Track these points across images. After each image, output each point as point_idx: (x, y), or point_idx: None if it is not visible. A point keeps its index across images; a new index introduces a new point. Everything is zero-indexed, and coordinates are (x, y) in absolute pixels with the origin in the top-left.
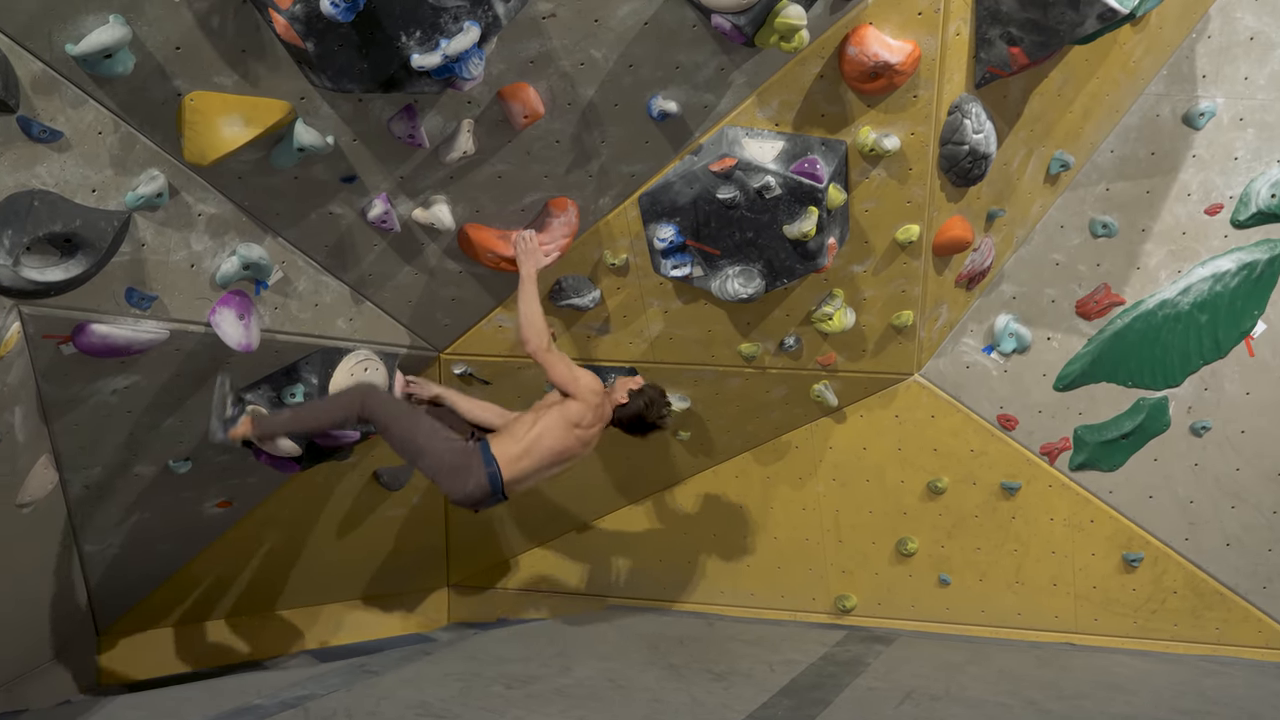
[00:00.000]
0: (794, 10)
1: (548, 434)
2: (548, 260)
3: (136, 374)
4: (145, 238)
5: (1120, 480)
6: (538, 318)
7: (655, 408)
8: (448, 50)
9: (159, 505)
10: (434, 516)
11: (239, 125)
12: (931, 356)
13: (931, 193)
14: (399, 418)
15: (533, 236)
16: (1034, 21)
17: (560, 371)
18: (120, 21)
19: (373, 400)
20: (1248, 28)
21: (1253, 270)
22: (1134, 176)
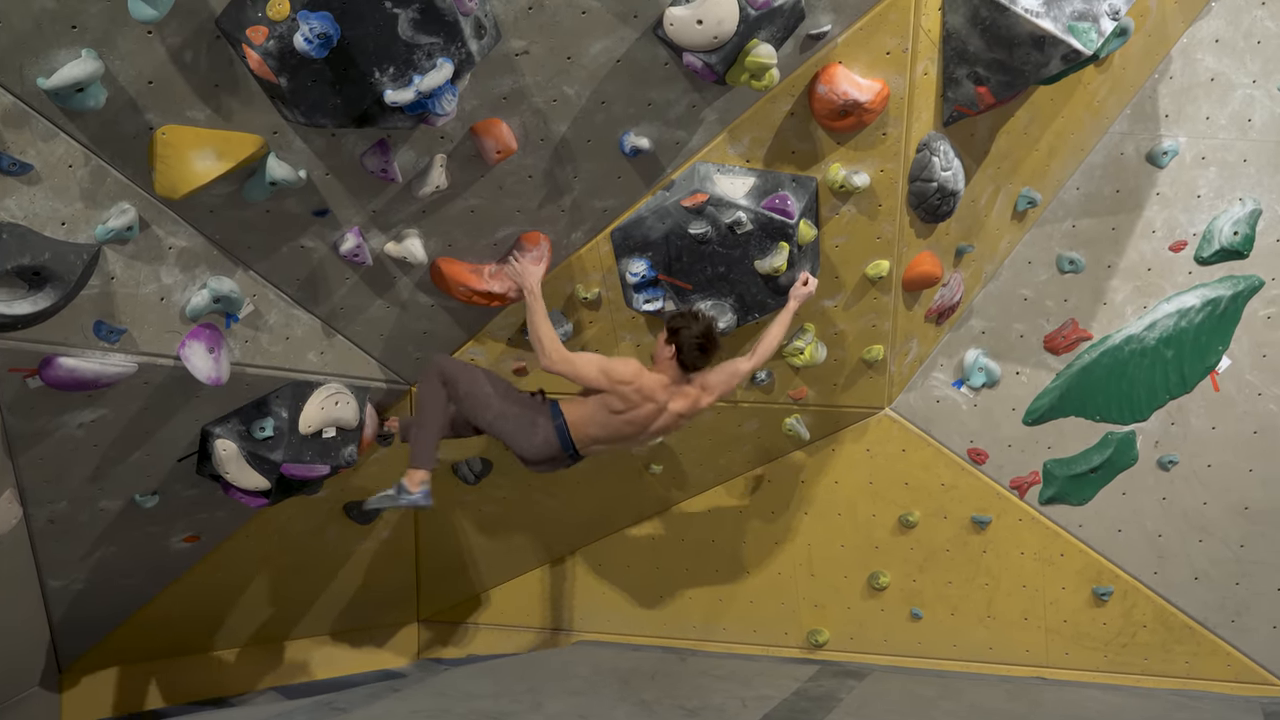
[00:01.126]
0: (764, 49)
1: (598, 416)
2: (543, 269)
3: (104, 407)
4: (115, 271)
5: (1089, 514)
6: (546, 334)
7: (695, 336)
8: (421, 86)
9: (125, 540)
10: (404, 550)
11: (211, 159)
12: (902, 390)
13: (901, 229)
14: (469, 373)
15: (518, 258)
16: (1000, 62)
17: (584, 375)
18: (93, 55)
19: (444, 364)
20: (1208, 69)
21: (1217, 306)
22: (1099, 213)
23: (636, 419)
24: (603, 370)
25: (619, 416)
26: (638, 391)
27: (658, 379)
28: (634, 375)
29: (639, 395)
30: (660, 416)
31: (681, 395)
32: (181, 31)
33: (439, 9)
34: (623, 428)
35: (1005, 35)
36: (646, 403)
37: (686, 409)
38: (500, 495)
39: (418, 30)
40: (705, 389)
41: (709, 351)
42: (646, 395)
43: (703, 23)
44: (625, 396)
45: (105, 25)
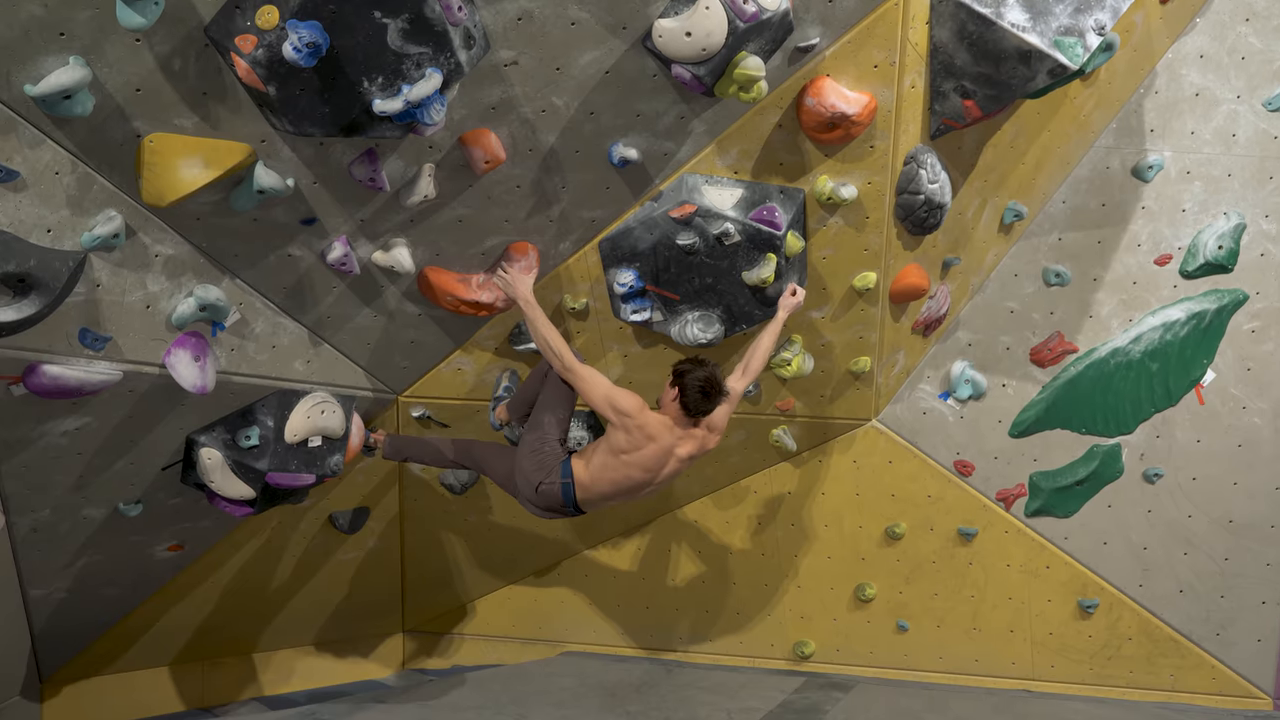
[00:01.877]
0: (753, 62)
1: (607, 464)
2: (533, 275)
3: (88, 415)
4: (101, 278)
5: (1075, 526)
6: (553, 338)
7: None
8: (410, 96)
9: (108, 549)
10: (390, 560)
11: (198, 167)
12: (889, 402)
13: (888, 241)
14: (560, 404)
15: (506, 268)
16: (987, 76)
17: (588, 391)
18: (80, 63)
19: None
20: (1193, 84)
21: (1201, 320)
22: (1085, 227)
23: (643, 461)
24: (607, 395)
25: (624, 459)
26: (640, 429)
27: (661, 419)
28: (636, 410)
29: (641, 433)
30: (668, 462)
31: (688, 438)
32: (170, 39)
33: (428, 19)
34: (630, 473)
35: (992, 50)
36: (650, 443)
37: (694, 451)
38: (486, 505)
39: (407, 40)
40: (711, 429)
41: (712, 397)
42: (649, 434)
43: (691, 35)
44: (628, 431)
45: (93, 33)
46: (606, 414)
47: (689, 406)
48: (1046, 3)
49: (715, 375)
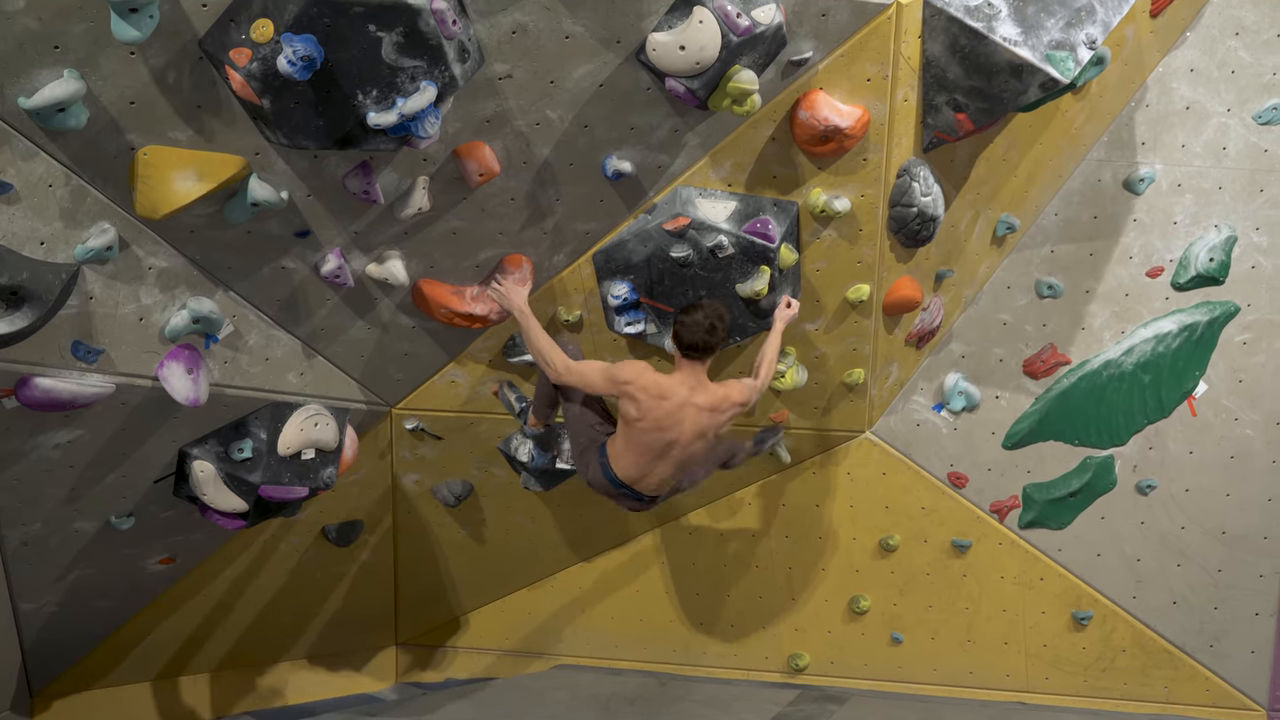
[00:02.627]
0: (746, 75)
1: (629, 437)
2: (528, 288)
3: (80, 428)
4: (94, 291)
5: (1069, 538)
6: (546, 347)
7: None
8: (404, 109)
9: (99, 562)
10: (383, 573)
11: (192, 180)
12: (882, 414)
13: (881, 253)
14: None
15: (501, 280)
16: (979, 89)
17: (590, 381)
18: (75, 76)
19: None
20: (1184, 98)
21: (1193, 331)
22: (1078, 239)
23: (658, 421)
24: (606, 374)
25: (640, 426)
26: (644, 390)
27: (669, 376)
28: (636, 374)
29: (647, 395)
30: (686, 414)
31: (701, 388)
32: (164, 53)
33: (423, 33)
34: (649, 438)
35: (984, 63)
36: (660, 401)
37: (714, 402)
38: (480, 518)
39: (401, 54)
40: (729, 388)
41: (714, 332)
42: (658, 393)
43: (685, 48)
44: (634, 399)
45: (88, 46)
46: (613, 391)
47: (688, 342)
48: (1038, 17)
49: (712, 307)
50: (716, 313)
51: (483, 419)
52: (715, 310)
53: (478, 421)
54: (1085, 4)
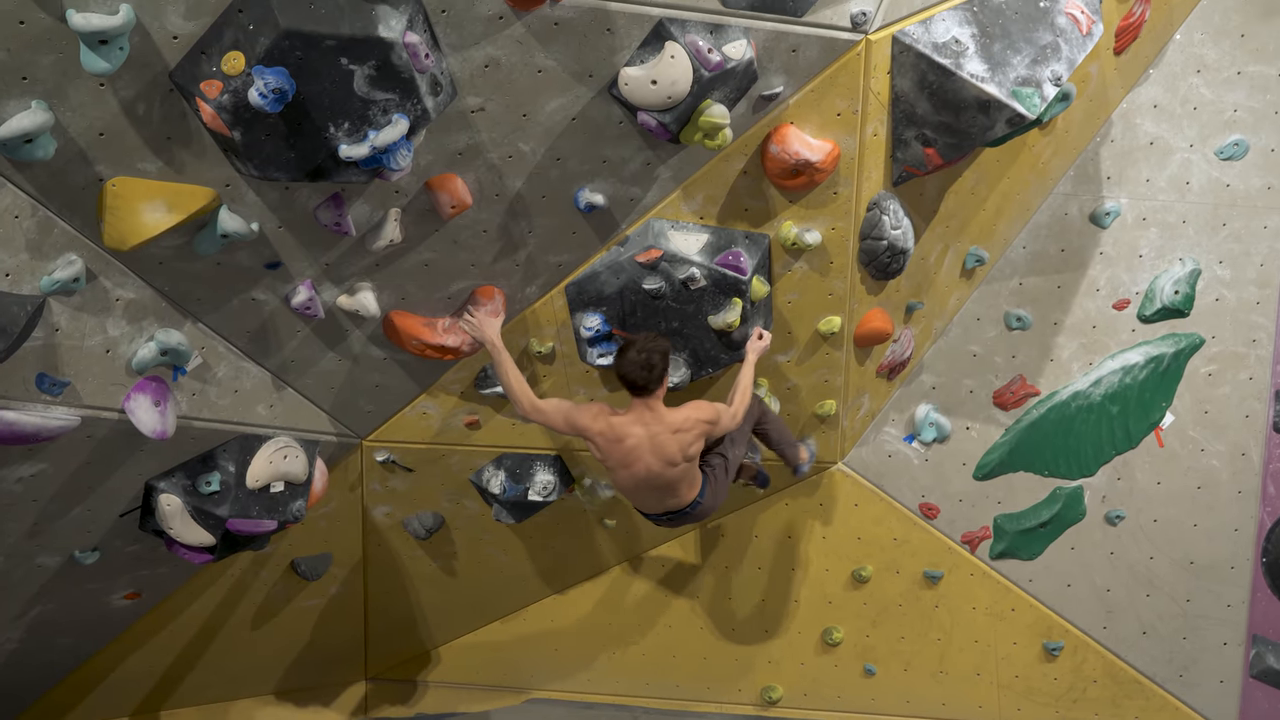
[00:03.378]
0: (718, 109)
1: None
2: (500, 319)
3: (44, 462)
4: (60, 323)
5: (1039, 569)
6: (515, 384)
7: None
8: (376, 142)
9: (63, 597)
10: (353, 606)
11: (161, 211)
12: (854, 445)
13: (852, 286)
14: None
15: (473, 312)
16: (947, 124)
17: (553, 422)
18: (43, 107)
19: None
20: (1148, 133)
21: (1160, 363)
22: (1045, 272)
23: (622, 460)
24: (566, 418)
25: (609, 466)
26: (600, 435)
27: (624, 416)
28: (591, 420)
29: (604, 439)
30: (645, 448)
31: (659, 421)
32: (134, 84)
33: (395, 66)
34: (623, 476)
35: (952, 99)
36: (617, 444)
37: (675, 424)
38: (452, 550)
39: (373, 86)
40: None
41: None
42: (613, 436)
43: (657, 83)
44: (594, 443)
45: (57, 77)
46: (573, 433)
47: (622, 376)
48: (1004, 54)
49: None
50: (655, 347)
51: (454, 451)
52: (652, 345)
53: (449, 453)
54: (1050, 41)
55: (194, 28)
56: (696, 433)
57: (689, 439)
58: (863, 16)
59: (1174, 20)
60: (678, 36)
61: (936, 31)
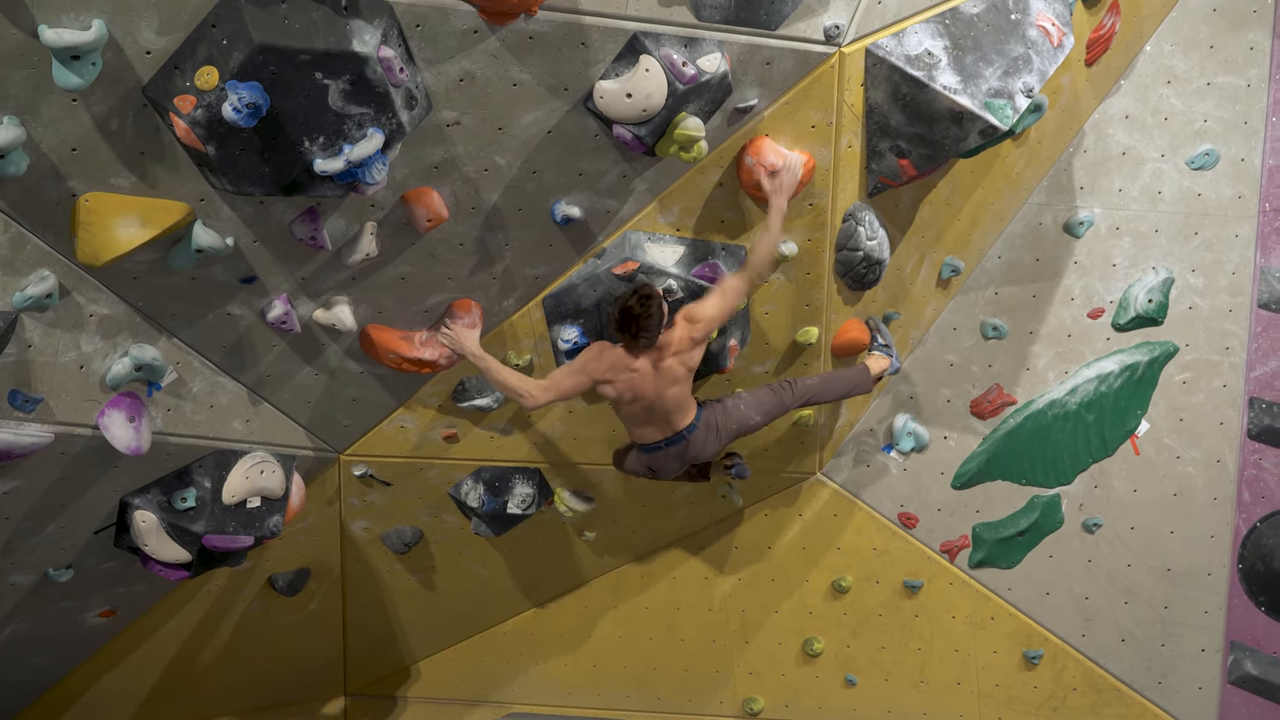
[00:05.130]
0: (693, 122)
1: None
2: (477, 332)
3: (17, 479)
4: (32, 339)
5: (1018, 577)
6: (512, 380)
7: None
8: (351, 156)
9: (37, 616)
10: (331, 622)
11: (135, 226)
12: (833, 455)
13: (829, 296)
14: None
15: (450, 325)
16: (921, 136)
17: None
18: (14, 123)
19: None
20: (1120, 144)
21: (1135, 371)
22: (1020, 281)
23: (635, 391)
24: (576, 370)
25: (628, 407)
26: (611, 368)
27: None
28: (597, 358)
29: (613, 371)
30: (657, 374)
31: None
32: (107, 100)
33: (370, 80)
34: (638, 409)
35: (925, 111)
36: (627, 373)
37: (678, 346)
38: (431, 565)
39: (348, 101)
40: (690, 319)
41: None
42: (621, 366)
43: (632, 96)
44: (609, 381)
45: (29, 92)
46: (588, 381)
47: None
48: (976, 66)
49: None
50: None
51: (432, 464)
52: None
53: (427, 467)
54: (1022, 53)
55: (167, 43)
56: (695, 341)
57: (685, 351)
58: (836, 30)
59: (1144, 32)
60: (652, 50)
61: (909, 44)
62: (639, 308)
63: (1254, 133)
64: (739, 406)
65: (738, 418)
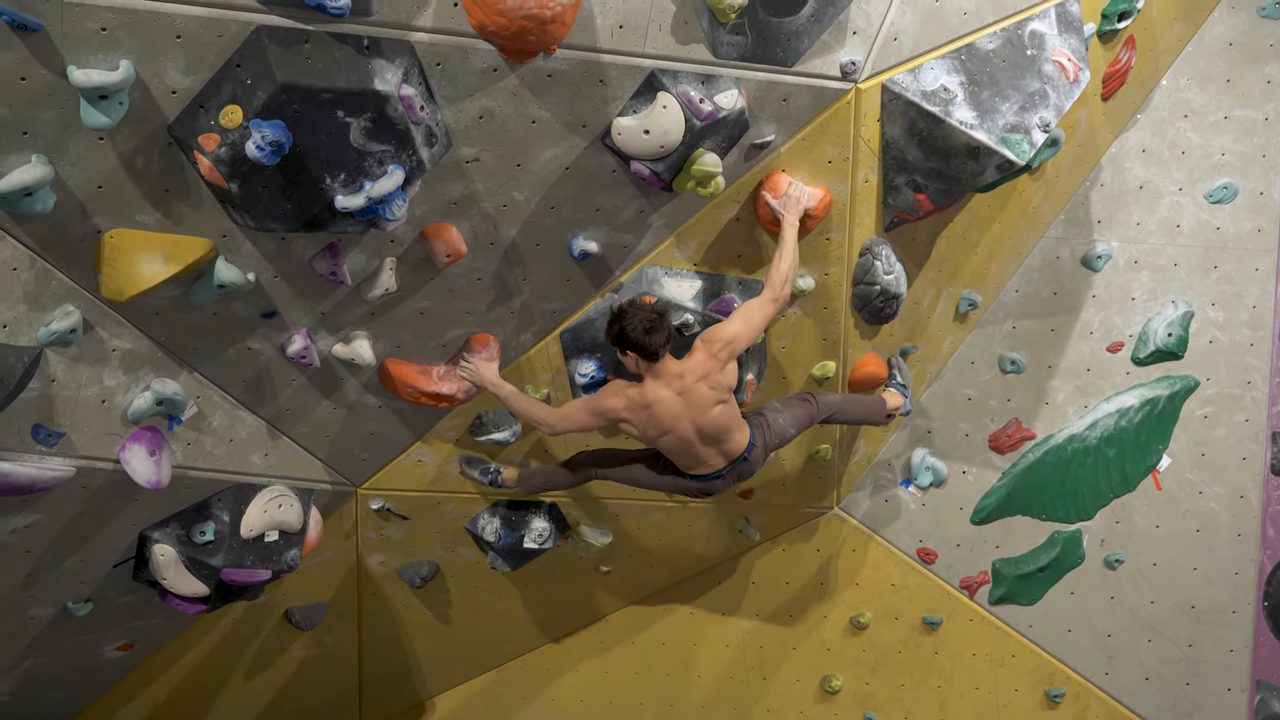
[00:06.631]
0: (710, 158)
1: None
2: (495, 366)
3: (38, 512)
4: (56, 373)
5: (1039, 614)
6: (531, 409)
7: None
8: (371, 193)
9: (55, 649)
10: (347, 656)
11: (159, 262)
12: (850, 490)
13: (846, 330)
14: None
15: (468, 359)
16: (937, 170)
17: (582, 423)
18: (43, 161)
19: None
20: (1137, 177)
21: (1155, 406)
22: (1039, 315)
23: (660, 424)
24: (590, 410)
25: (652, 437)
26: (629, 410)
27: (641, 385)
28: (613, 396)
29: (633, 412)
30: (678, 401)
31: (679, 375)
32: (134, 138)
33: (391, 118)
34: (670, 441)
35: (941, 146)
36: (647, 410)
37: (704, 367)
38: (447, 599)
39: (369, 138)
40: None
41: (655, 329)
42: (641, 404)
43: (649, 132)
44: (627, 422)
45: (57, 131)
46: (602, 424)
47: (635, 344)
48: (992, 101)
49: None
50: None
51: (450, 498)
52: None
53: (444, 501)
54: (1038, 89)
55: (192, 82)
56: (720, 361)
57: (714, 373)
58: (852, 66)
59: (1160, 66)
60: (670, 87)
61: (925, 80)
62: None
63: (1272, 166)
64: (778, 420)
65: (779, 432)
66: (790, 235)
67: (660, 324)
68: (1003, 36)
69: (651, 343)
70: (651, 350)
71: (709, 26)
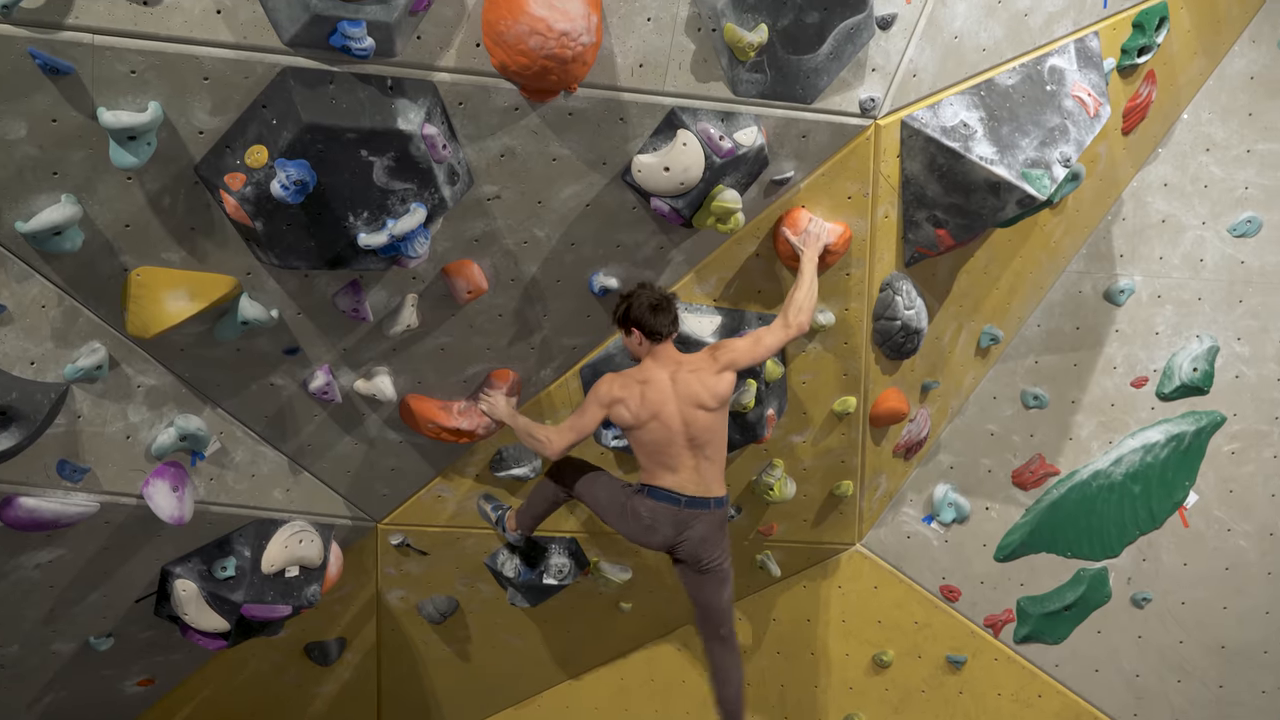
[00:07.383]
0: (730, 195)
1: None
2: (514, 401)
3: (62, 547)
4: (82, 409)
5: (1065, 653)
6: (535, 430)
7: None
8: (394, 230)
9: (77, 684)
10: (366, 692)
11: (184, 299)
12: (872, 526)
13: (867, 366)
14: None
15: (488, 394)
16: (957, 206)
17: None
18: (72, 201)
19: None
20: (1159, 211)
21: (1181, 441)
22: (1061, 350)
23: (653, 408)
24: (591, 409)
25: (641, 425)
26: (624, 388)
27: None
28: (607, 383)
29: (628, 390)
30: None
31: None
32: (161, 178)
33: (414, 157)
34: (658, 434)
35: (962, 181)
36: (643, 385)
37: (695, 364)
38: (466, 635)
39: (392, 177)
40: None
41: (664, 310)
42: (638, 378)
43: (669, 169)
44: (621, 401)
45: (86, 172)
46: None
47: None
48: (1012, 136)
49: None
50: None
51: (469, 534)
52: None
53: (464, 536)
54: (1058, 124)
55: (219, 123)
56: (717, 363)
57: (710, 375)
58: (871, 102)
59: (1181, 100)
60: (689, 124)
61: (945, 115)
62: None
63: None
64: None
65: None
66: (810, 270)
67: (667, 305)
68: (1022, 72)
69: (657, 322)
70: (656, 330)
71: (728, 64)
